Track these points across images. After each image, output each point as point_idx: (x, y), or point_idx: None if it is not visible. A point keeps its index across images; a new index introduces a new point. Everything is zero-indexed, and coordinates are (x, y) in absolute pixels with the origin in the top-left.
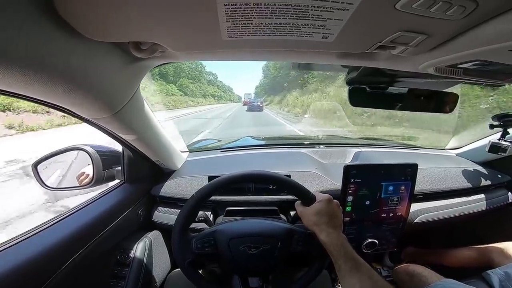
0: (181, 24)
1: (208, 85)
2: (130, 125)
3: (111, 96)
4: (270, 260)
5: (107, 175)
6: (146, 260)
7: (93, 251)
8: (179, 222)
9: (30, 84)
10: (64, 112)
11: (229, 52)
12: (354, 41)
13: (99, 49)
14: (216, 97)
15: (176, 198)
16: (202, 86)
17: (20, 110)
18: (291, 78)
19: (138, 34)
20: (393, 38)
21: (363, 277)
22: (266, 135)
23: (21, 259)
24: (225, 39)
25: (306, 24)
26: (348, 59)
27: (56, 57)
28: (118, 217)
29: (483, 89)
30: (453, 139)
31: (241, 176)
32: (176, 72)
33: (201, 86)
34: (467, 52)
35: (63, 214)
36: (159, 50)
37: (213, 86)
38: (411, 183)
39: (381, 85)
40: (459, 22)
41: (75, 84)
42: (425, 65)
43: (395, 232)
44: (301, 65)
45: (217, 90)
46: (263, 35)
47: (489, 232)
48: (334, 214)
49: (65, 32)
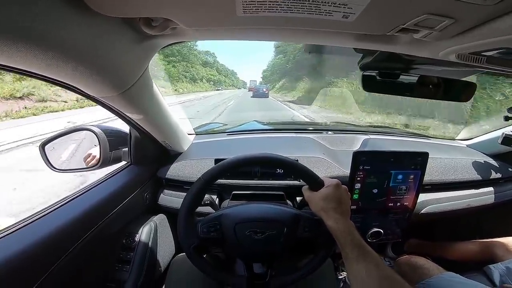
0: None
1: (202, 67)
2: (138, 104)
3: (120, 74)
4: (275, 245)
5: (113, 156)
6: (151, 244)
7: (99, 234)
8: (186, 205)
9: (38, 60)
10: (72, 90)
11: (243, 30)
12: (376, 22)
13: (109, 26)
14: (213, 82)
15: (182, 181)
16: (191, 67)
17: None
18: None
19: (150, 9)
20: (418, 21)
21: (369, 265)
22: (272, 120)
23: (29, 242)
24: (240, 15)
25: (327, 2)
26: (366, 42)
27: (65, 33)
28: (125, 200)
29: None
30: (464, 130)
31: (249, 158)
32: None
33: (188, 67)
34: (495, 39)
35: (70, 196)
36: (171, 26)
37: (210, 69)
38: (420, 172)
39: (396, 71)
40: (491, 7)
41: (84, 61)
42: (447, 51)
43: (401, 222)
44: (313, 49)
45: (215, 73)
46: (279, 12)
47: (494, 227)
48: (343, 199)
49: (76, 6)
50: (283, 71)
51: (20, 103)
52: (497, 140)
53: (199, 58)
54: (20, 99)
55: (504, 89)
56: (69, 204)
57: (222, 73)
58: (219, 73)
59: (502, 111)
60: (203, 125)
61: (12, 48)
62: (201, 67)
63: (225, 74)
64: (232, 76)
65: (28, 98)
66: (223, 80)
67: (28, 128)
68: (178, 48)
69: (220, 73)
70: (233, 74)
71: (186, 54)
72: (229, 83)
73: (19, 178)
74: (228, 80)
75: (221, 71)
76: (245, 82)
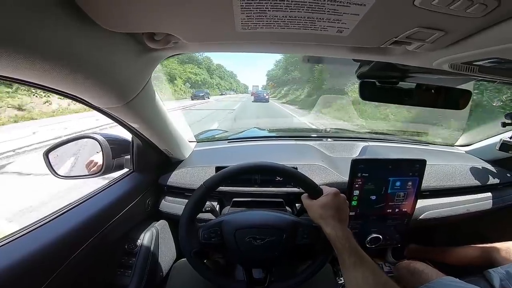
0: (195, 15)
1: (220, 79)
2: (141, 114)
3: (124, 86)
4: (275, 251)
5: (116, 163)
6: (152, 249)
7: (102, 240)
8: (187, 211)
9: (45, 73)
10: (77, 101)
11: (242, 44)
12: (369, 36)
13: (113, 40)
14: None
15: (184, 188)
16: (210, 78)
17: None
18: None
19: (153, 25)
20: (410, 34)
21: (366, 272)
22: (273, 126)
23: (32, 249)
24: (239, 31)
25: (321, 18)
26: (361, 54)
27: (71, 47)
28: (127, 206)
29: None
30: (463, 136)
31: (250, 167)
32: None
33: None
34: (485, 49)
35: (73, 203)
36: (173, 41)
37: (223, 80)
38: (418, 179)
39: (392, 79)
40: (479, 20)
41: (90, 73)
42: (440, 61)
43: (400, 228)
44: (311, 59)
45: (229, 83)
46: (277, 28)
47: (494, 232)
48: (341, 208)
49: (82, 22)
50: (284, 81)
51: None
52: (495, 146)
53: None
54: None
55: (502, 96)
56: (72, 210)
57: (224, 78)
58: (230, 82)
59: (500, 118)
60: (204, 132)
61: (20, 61)
62: (218, 78)
63: (232, 80)
64: (238, 83)
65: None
66: (233, 87)
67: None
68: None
69: (230, 82)
70: (233, 76)
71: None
72: (226, 87)
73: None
74: (235, 87)
75: (223, 77)
76: (247, 86)
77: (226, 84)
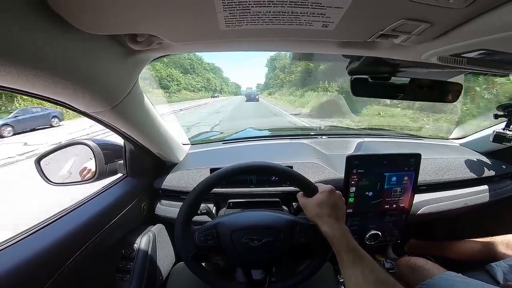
0: (177, 14)
1: (225, 83)
2: (130, 118)
3: (109, 89)
4: (272, 252)
5: (109, 169)
6: (150, 253)
7: (98, 245)
8: (181, 215)
9: (28, 79)
10: (63, 106)
11: (227, 42)
12: (355, 29)
13: (95, 42)
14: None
15: (179, 191)
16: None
17: None
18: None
19: (133, 25)
20: (395, 27)
21: (365, 269)
22: (267, 126)
23: (27, 255)
24: (223, 29)
25: (305, 13)
26: (349, 49)
27: (52, 52)
28: (122, 211)
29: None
30: (457, 129)
31: (243, 167)
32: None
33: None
34: (472, 41)
35: (67, 209)
36: (156, 42)
37: (224, 82)
38: (414, 173)
39: (384, 74)
40: (463, 10)
41: (73, 78)
42: (428, 54)
43: (399, 224)
44: (302, 56)
45: (228, 86)
46: (261, 24)
47: (493, 224)
48: (337, 205)
49: (59, 26)
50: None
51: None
52: (489, 138)
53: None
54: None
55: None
56: (66, 216)
57: (228, 84)
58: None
59: (493, 109)
60: (198, 134)
61: (2, 69)
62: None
63: (228, 84)
64: (234, 86)
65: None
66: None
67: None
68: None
69: (227, 85)
70: (226, 80)
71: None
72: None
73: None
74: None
75: (228, 83)
76: (240, 85)
77: (233, 90)
